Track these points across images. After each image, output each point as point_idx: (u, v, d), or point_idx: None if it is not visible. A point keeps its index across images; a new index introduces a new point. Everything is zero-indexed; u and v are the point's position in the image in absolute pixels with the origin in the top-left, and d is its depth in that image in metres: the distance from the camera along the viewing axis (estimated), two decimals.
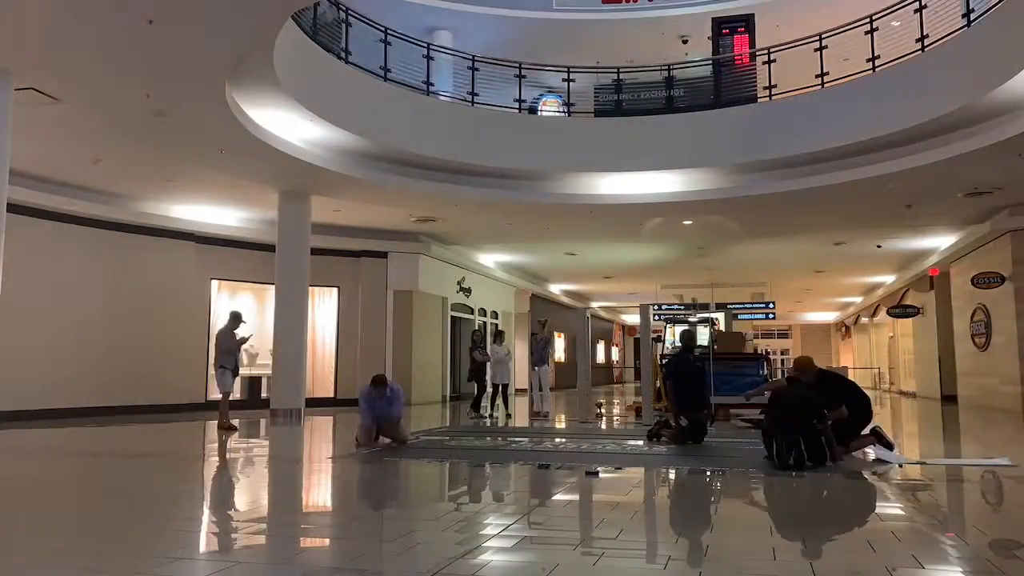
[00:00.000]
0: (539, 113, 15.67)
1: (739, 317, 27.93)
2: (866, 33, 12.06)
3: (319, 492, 6.48)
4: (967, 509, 5.73)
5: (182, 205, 14.72)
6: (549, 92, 16.18)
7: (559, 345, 30.99)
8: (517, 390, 24.45)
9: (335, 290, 17.70)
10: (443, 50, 15.31)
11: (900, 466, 6.95)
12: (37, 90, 8.69)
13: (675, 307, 28.20)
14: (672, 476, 6.78)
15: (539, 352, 14.18)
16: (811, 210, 14.40)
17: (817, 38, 12.61)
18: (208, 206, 14.92)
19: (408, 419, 13.27)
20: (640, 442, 8.96)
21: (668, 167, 13.31)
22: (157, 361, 14.61)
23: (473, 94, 13.72)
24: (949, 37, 10.87)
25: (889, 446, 7.46)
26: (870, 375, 31.53)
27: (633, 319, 37.24)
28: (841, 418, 7.17)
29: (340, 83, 11.67)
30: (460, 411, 14.76)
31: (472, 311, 21.61)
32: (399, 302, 17.74)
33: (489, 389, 14.28)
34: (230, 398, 10.88)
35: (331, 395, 17.30)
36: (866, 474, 6.53)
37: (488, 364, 14.10)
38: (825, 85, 12.53)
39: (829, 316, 41.49)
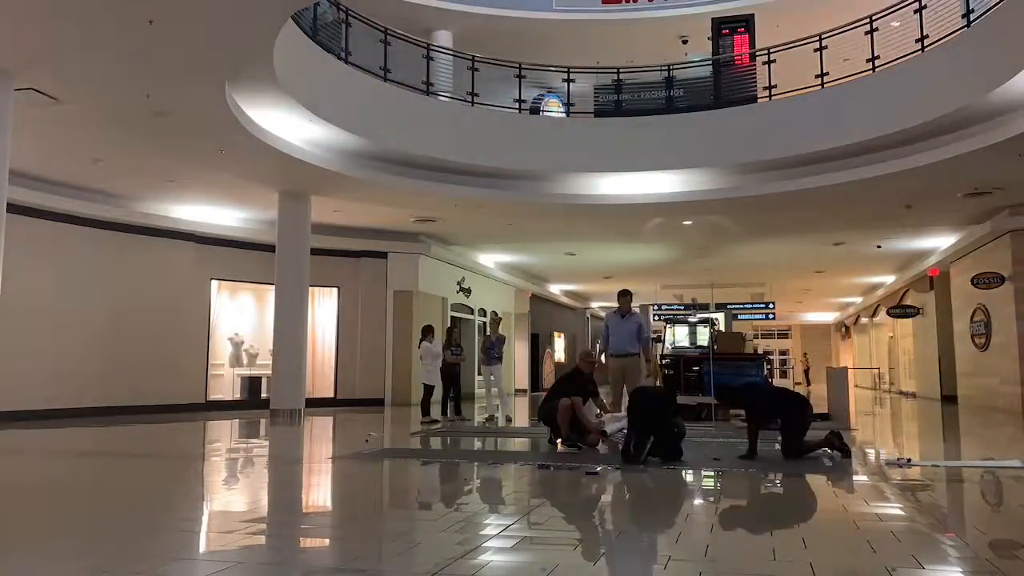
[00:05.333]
0: (542, 113, 15.58)
1: (739, 317, 27.97)
2: (866, 33, 12.06)
3: (319, 492, 6.47)
4: (967, 509, 5.73)
5: (182, 205, 14.72)
6: (549, 92, 16.18)
7: (559, 345, 31.01)
8: (517, 390, 24.55)
9: (335, 290, 17.70)
10: (443, 50, 15.31)
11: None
12: (37, 90, 8.69)
13: (675, 307, 28.25)
14: (672, 476, 6.78)
15: (490, 351, 13.22)
16: (811, 210, 14.40)
17: (817, 38, 12.61)
18: (208, 206, 14.92)
19: (408, 419, 13.29)
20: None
21: (668, 167, 13.31)
22: (157, 362, 14.61)
23: (473, 94, 13.72)
24: (949, 37, 10.87)
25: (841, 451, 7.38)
26: (870, 375, 31.54)
27: None
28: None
29: (340, 83, 11.67)
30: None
31: (472, 311, 21.61)
32: (399, 302, 17.75)
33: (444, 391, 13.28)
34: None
35: (331, 395, 17.31)
36: (861, 475, 6.53)
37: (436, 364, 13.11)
38: (825, 85, 12.53)
39: (829, 316, 41.50)
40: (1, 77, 8.15)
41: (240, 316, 17.48)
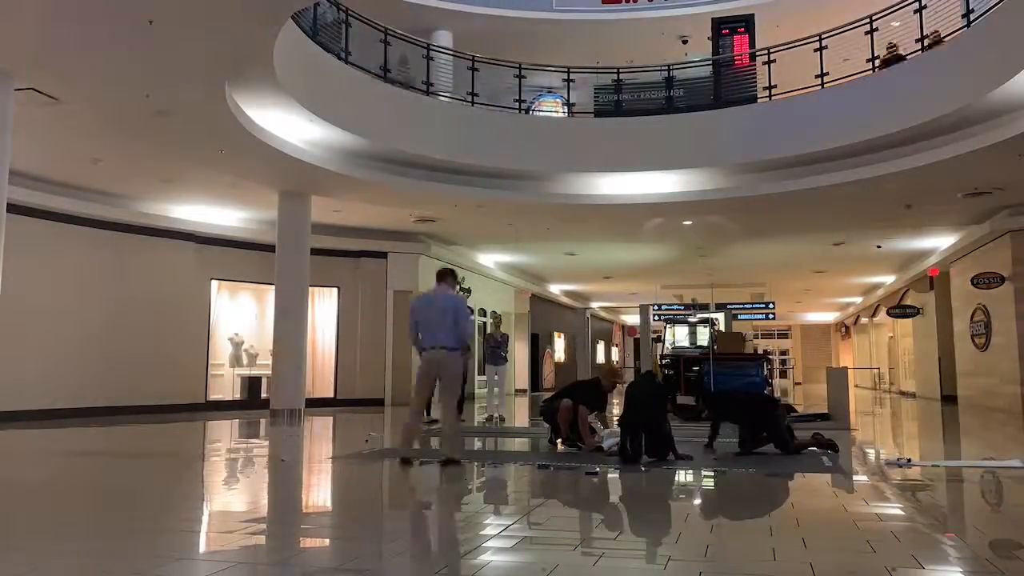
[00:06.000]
0: (531, 113, 15.52)
1: (739, 317, 27.97)
2: (866, 33, 12.06)
3: (319, 492, 6.47)
4: (967, 509, 5.73)
5: (182, 205, 14.72)
6: (548, 92, 16.17)
7: (559, 345, 31.01)
8: (517, 390, 24.56)
9: (335, 290, 17.70)
10: (443, 50, 15.31)
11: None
12: (37, 90, 8.68)
13: (675, 307, 28.24)
14: (671, 476, 6.78)
15: (492, 352, 13.32)
16: (811, 210, 14.40)
17: (817, 38, 12.61)
18: (208, 206, 14.92)
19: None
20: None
21: (668, 167, 13.31)
22: (157, 362, 14.60)
23: (473, 94, 13.72)
24: (949, 37, 10.87)
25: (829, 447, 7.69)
26: (870, 375, 31.54)
27: (633, 319, 37.23)
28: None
29: (340, 83, 11.67)
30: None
31: (472, 311, 21.58)
32: (399, 302, 17.73)
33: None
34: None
35: (331, 395, 17.31)
36: (861, 475, 6.53)
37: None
38: (825, 85, 12.53)
39: (829, 316, 41.49)
40: (1, 77, 8.15)
41: (240, 316, 17.48)
